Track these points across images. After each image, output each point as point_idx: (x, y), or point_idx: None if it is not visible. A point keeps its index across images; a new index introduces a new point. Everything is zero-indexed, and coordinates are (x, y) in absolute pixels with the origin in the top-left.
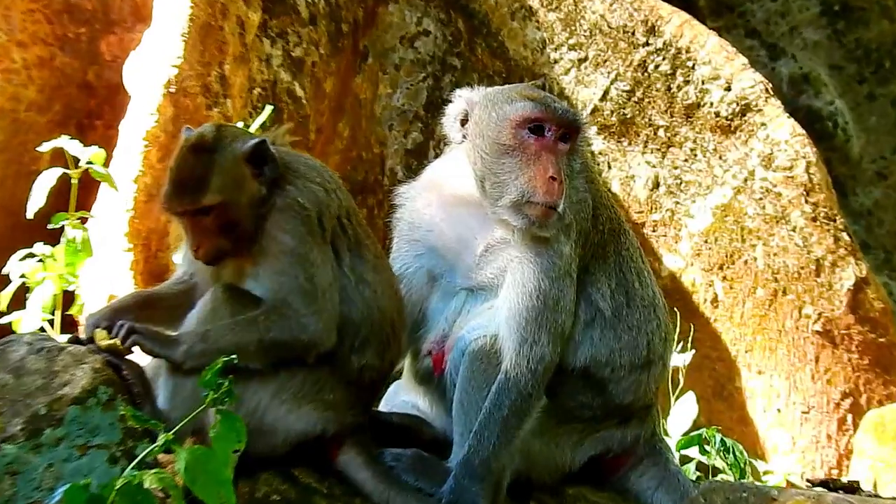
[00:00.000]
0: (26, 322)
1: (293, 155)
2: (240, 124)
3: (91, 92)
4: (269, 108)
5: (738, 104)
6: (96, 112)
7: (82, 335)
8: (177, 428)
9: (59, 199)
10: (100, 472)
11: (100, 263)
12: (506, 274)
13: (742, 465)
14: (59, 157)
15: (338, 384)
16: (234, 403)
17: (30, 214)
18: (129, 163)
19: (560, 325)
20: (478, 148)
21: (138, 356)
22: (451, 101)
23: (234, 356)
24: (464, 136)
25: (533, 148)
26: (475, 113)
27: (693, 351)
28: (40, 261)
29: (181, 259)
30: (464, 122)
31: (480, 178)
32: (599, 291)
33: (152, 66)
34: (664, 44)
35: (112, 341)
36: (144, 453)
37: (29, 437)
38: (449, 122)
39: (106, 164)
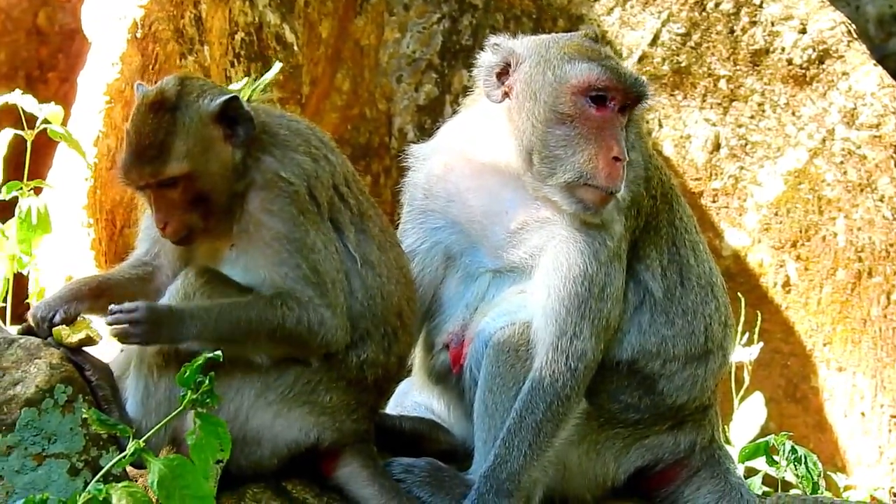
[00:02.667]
0: None
1: (272, 115)
2: (241, 83)
3: (42, 38)
4: (277, 66)
5: (814, 50)
6: (49, 62)
7: (33, 324)
8: (149, 434)
9: (6, 165)
10: (59, 485)
11: (56, 241)
12: (543, 254)
13: (815, 477)
14: (7, 116)
15: (335, 384)
16: (216, 406)
17: (3, 194)
18: (88, 122)
19: (605, 315)
20: (527, 112)
21: (103, 350)
22: (483, 50)
23: (238, 348)
24: (505, 94)
25: (594, 119)
26: (524, 69)
27: (761, 344)
28: None
29: (142, 235)
30: (500, 75)
31: (527, 148)
32: (649, 269)
33: (115, 6)
34: None
35: (81, 336)
36: (111, 464)
37: None
38: (483, 75)
39: (63, 124)
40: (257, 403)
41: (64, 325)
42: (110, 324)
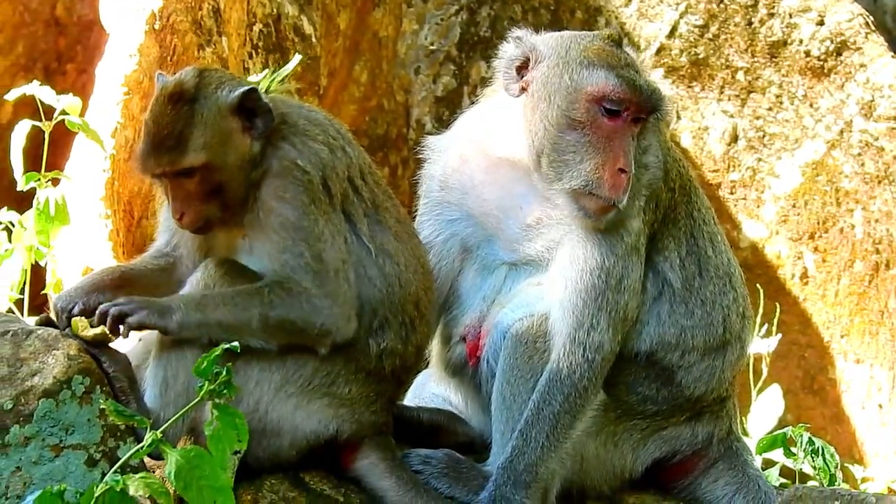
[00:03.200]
0: None
1: (291, 105)
2: (261, 75)
3: (61, 30)
4: (297, 58)
5: (832, 41)
6: (67, 53)
7: (53, 315)
8: (167, 424)
9: (24, 156)
10: (76, 476)
11: (74, 233)
12: (560, 247)
13: (832, 469)
14: (25, 108)
15: (354, 376)
16: (234, 396)
17: (21, 185)
18: (106, 113)
19: (622, 307)
20: (540, 113)
21: (121, 341)
22: (504, 41)
23: (233, 334)
24: (522, 89)
25: (605, 129)
26: (542, 68)
27: (779, 336)
28: (6, 229)
29: (162, 227)
30: (520, 69)
31: (537, 149)
32: (668, 260)
33: None
34: None
35: (97, 331)
36: (129, 454)
37: None
38: (503, 67)
39: (81, 116)
40: (277, 395)
41: (82, 317)
42: (96, 325)
